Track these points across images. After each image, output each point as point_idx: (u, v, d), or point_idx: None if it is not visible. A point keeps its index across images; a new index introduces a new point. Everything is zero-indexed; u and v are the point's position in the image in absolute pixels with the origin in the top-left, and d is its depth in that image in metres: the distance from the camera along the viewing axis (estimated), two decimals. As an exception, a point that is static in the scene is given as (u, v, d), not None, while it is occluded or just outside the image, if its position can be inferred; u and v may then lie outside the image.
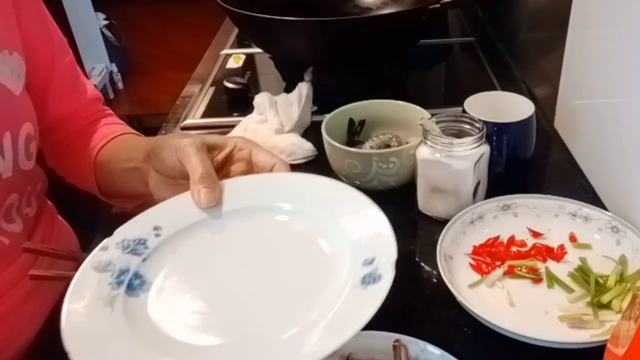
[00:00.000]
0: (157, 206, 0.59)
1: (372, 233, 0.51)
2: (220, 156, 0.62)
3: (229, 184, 0.59)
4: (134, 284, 0.51)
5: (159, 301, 0.50)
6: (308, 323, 0.45)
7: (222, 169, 0.63)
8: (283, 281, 0.51)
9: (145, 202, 0.73)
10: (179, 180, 0.62)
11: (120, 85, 3.17)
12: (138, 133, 0.81)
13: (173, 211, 0.58)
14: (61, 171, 0.85)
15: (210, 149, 0.62)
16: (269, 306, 0.48)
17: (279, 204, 0.57)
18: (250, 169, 0.63)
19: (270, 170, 0.61)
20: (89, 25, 2.90)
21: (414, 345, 0.51)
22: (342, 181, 0.59)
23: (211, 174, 0.58)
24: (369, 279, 0.47)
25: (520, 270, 0.63)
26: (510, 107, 0.77)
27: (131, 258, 0.53)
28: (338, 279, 0.48)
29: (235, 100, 1.04)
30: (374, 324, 0.54)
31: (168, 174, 0.63)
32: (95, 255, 0.53)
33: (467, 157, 0.68)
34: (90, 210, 0.54)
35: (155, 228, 0.56)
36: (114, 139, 0.77)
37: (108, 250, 0.53)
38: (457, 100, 0.80)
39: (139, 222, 0.57)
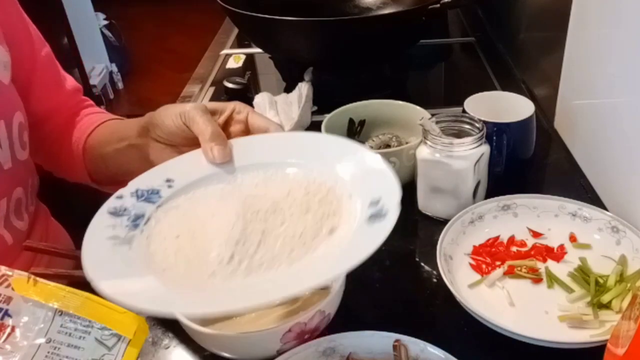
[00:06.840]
0: (166, 162, 0.62)
1: (376, 176, 0.55)
2: (221, 119, 0.65)
3: (236, 142, 0.62)
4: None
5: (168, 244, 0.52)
6: (314, 257, 0.48)
7: (224, 132, 0.65)
8: (290, 225, 0.52)
9: None
10: (182, 148, 0.64)
11: (120, 85, 3.16)
12: (121, 117, 0.82)
13: (184, 166, 0.60)
14: (49, 165, 0.85)
15: (211, 113, 0.64)
16: (277, 242, 0.50)
17: (286, 159, 0.60)
18: (249, 130, 0.66)
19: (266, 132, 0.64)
20: (89, 25, 2.89)
21: (414, 345, 0.51)
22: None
23: (220, 132, 0.61)
24: (375, 218, 0.50)
25: (520, 270, 0.63)
26: (510, 107, 0.77)
27: (146, 206, 0.56)
28: (347, 221, 0.51)
29: (235, 100, 1.04)
30: (374, 324, 0.54)
31: (171, 141, 0.65)
32: (111, 202, 0.55)
33: (467, 157, 0.68)
34: (82, 213, 0.55)
35: (168, 180, 0.59)
36: (100, 125, 0.79)
37: (123, 199, 0.56)
38: (457, 100, 0.80)
39: (151, 175, 0.59)
